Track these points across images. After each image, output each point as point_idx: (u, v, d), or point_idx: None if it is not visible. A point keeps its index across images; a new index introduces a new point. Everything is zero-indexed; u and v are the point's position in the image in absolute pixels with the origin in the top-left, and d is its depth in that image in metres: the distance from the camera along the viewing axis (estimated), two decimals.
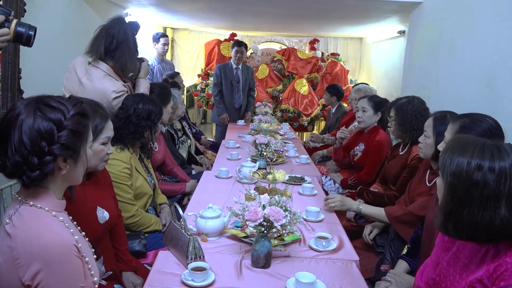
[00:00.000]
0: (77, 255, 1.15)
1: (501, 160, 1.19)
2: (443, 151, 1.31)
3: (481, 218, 1.19)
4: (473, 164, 1.20)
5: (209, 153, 4.46)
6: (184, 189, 2.91)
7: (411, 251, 2.05)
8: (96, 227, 1.73)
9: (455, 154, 1.25)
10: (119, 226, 1.97)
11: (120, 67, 2.46)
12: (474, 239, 1.25)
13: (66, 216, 1.27)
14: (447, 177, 1.25)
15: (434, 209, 1.94)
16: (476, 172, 1.19)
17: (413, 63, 3.83)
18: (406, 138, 2.78)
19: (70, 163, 1.19)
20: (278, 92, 6.92)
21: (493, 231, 1.19)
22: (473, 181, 1.20)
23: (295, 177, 2.88)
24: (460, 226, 1.23)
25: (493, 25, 2.54)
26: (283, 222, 1.58)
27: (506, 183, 1.18)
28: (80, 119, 1.18)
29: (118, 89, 2.39)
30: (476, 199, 1.20)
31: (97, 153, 1.70)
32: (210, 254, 1.75)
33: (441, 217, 1.28)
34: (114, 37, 2.42)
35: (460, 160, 1.23)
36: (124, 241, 1.97)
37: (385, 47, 6.18)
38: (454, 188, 1.23)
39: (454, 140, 1.33)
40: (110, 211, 1.82)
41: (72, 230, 1.22)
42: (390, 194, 2.76)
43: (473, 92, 2.75)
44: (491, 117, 1.77)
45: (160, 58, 5.60)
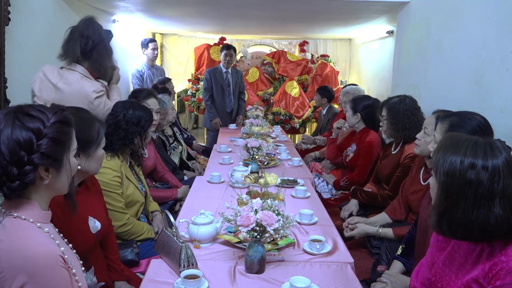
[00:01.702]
0: (64, 266, 1.13)
1: (494, 158, 1.18)
2: (435, 150, 1.30)
3: (475, 217, 1.18)
4: (466, 163, 1.19)
5: (201, 158, 4.43)
6: (175, 195, 2.88)
7: (405, 251, 2.04)
8: (88, 237, 1.70)
9: (447, 152, 1.24)
10: (110, 235, 1.94)
11: (98, 67, 2.44)
12: (469, 238, 1.24)
13: (52, 227, 1.24)
14: (440, 176, 1.24)
15: (427, 208, 1.93)
16: (469, 171, 1.19)
17: (402, 62, 3.84)
18: (398, 137, 2.78)
19: (52, 172, 1.16)
20: (269, 95, 6.92)
21: (488, 229, 1.18)
22: (466, 180, 1.19)
23: (287, 179, 2.86)
24: (455, 225, 1.23)
25: (480, 23, 2.55)
26: (276, 226, 1.56)
27: (500, 181, 1.17)
28: (60, 127, 1.15)
29: (97, 89, 2.38)
30: (470, 197, 1.19)
31: (100, 158, 1.75)
32: (203, 261, 1.73)
33: (435, 216, 1.27)
34: (89, 38, 2.39)
35: (453, 158, 1.22)
36: (115, 250, 1.94)
37: (374, 47, 6.21)
38: (448, 187, 1.22)
39: (445, 139, 1.32)
40: (102, 221, 1.79)
41: (58, 242, 1.19)
42: (384, 194, 2.76)
43: (462, 89, 2.76)
44: (479, 114, 1.77)
45: (150, 64, 5.57)
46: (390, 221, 2.48)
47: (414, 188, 2.35)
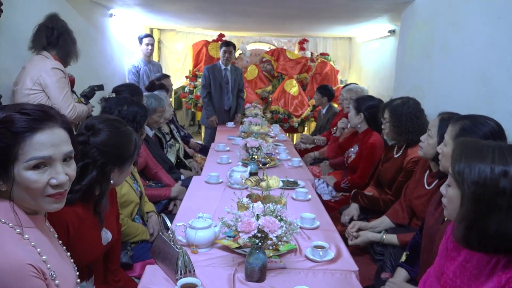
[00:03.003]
0: (36, 276, 0.99)
1: None
2: (455, 159, 1.21)
3: (510, 227, 1.11)
4: (497, 171, 1.12)
5: (198, 157, 4.34)
6: (169, 194, 2.80)
7: (410, 258, 1.97)
8: (98, 249, 1.60)
9: (473, 161, 1.16)
10: (117, 243, 1.83)
11: (64, 54, 2.83)
12: (501, 251, 1.17)
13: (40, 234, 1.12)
14: (469, 187, 1.15)
15: (433, 215, 1.86)
16: (502, 179, 1.11)
17: (405, 62, 3.76)
18: (401, 140, 2.70)
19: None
20: (268, 93, 6.83)
21: None
22: (499, 189, 1.11)
23: (287, 181, 2.78)
24: (485, 237, 1.15)
25: (489, 23, 2.47)
26: (279, 233, 1.48)
27: None
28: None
29: (56, 65, 2.72)
30: (503, 207, 1.11)
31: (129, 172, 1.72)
32: (201, 267, 1.65)
33: (462, 229, 1.18)
34: (54, 29, 2.78)
35: (481, 167, 1.14)
36: (116, 260, 1.83)
37: (375, 46, 6.14)
38: (478, 197, 1.14)
39: (464, 145, 1.24)
40: (113, 231, 1.69)
41: (40, 249, 1.06)
42: (386, 199, 2.68)
43: (468, 91, 2.69)
44: (492, 119, 1.69)
45: (146, 60, 5.48)
46: (392, 225, 2.41)
47: (418, 193, 2.28)
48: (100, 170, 1.50)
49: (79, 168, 1.41)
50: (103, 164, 1.50)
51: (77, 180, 1.41)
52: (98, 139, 1.51)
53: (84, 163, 1.46)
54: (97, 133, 1.53)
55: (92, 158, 1.49)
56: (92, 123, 1.55)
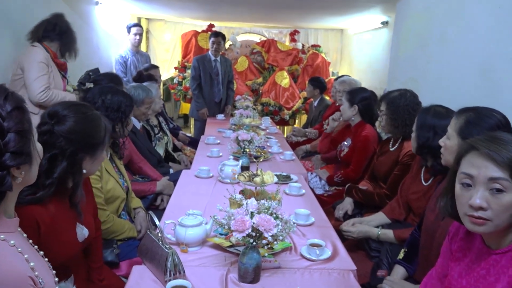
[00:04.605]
0: None
1: None
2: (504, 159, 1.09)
3: None
4: None
5: (187, 150, 4.23)
6: (154, 189, 2.70)
7: (408, 255, 1.91)
8: (74, 246, 1.49)
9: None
10: (97, 240, 1.73)
11: (65, 49, 3.07)
12: None
13: (19, 237, 1.04)
14: None
15: (434, 210, 1.79)
16: None
17: (400, 54, 3.69)
18: (397, 133, 2.63)
19: (24, 168, 0.97)
20: (258, 85, 6.73)
21: None
22: None
23: (280, 175, 2.70)
24: None
25: (489, 13, 2.40)
26: (274, 232, 1.39)
27: None
28: (20, 114, 0.95)
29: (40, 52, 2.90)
30: None
31: (102, 159, 1.59)
32: (192, 267, 1.56)
33: None
34: (57, 25, 2.99)
35: None
36: (98, 258, 1.74)
37: (367, 38, 6.06)
38: None
39: (492, 142, 1.14)
40: (90, 227, 1.58)
41: (27, 256, 0.99)
42: (381, 193, 2.61)
43: (468, 84, 2.62)
44: (498, 112, 1.61)
45: (134, 50, 5.32)
46: (388, 221, 2.34)
47: (415, 189, 2.22)
48: (70, 160, 1.39)
49: (46, 160, 1.33)
50: (72, 153, 1.40)
51: (47, 174, 1.32)
52: (63, 127, 1.40)
53: (52, 154, 1.36)
54: (62, 120, 1.41)
55: (60, 148, 1.38)
56: (55, 110, 1.43)
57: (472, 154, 1.15)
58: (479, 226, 1.13)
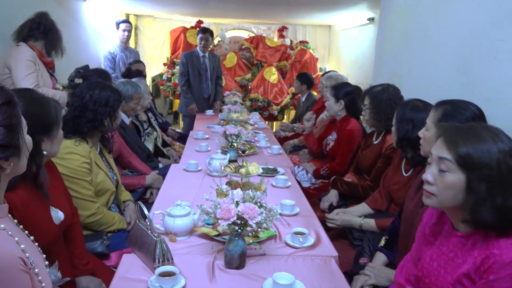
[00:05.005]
0: (24, 269, 0.99)
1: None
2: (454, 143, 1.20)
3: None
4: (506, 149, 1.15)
5: (176, 145, 4.28)
6: (143, 182, 2.74)
7: (389, 242, 1.99)
8: (51, 229, 1.55)
9: (475, 143, 1.17)
10: (75, 227, 1.79)
11: (51, 48, 3.04)
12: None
13: (9, 221, 1.09)
14: (480, 169, 1.15)
15: (413, 199, 1.87)
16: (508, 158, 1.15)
17: (385, 50, 3.77)
18: (380, 127, 2.72)
19: (13, 160, 1.02)
20: (247, 81, 6.77)
21: None
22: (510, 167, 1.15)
23: (267, 168, 2.76)
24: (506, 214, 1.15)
25: (469, 10, 2.48)
26: (259, 219, 1.46)
27: None
28: (9, 108, 1.00)
29: (26, 51, 2.88)
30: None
31: (61, 139, 1.65)
32: (180, 255, 1.62)
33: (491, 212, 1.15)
34: (41, 24, 2.98)
35: (486, 148, 1.15)
36: (79, 244, 1.79)
37: (354, 34, 6.14)
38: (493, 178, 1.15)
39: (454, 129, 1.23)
40: (65, 210, 1.64)
41: (17, 239, 1.05)
42: (365, 185, 2.69)
43: (448, 78, 2.70)
44: (474, 104, 1.70)
45: (123, 46, 5.33)
46: (371, 211, 2.42)
47: (396, 180, 2.30)
48: None
49: None
50: None
51: None
52: None
53: None
54: None
55: None
56: None
57: (440, 138, 1.26)
58: (427, 198, 1.27)
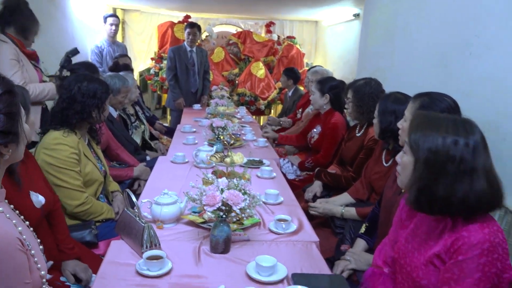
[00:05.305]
0: (21, 249, 1.05)
1: (473, 134, 1.21)
2: (411, 129, 1.29)
3: (456, 191, 1.20)
4: (449, 140, 1.21)
5: (164, 139, 4.32)
6: (131, 174, 2.79)
7: (369, 229, 2.07)
8: (33, 212, 1.58)
9: (427, 130, 1.25)
10: (57, 213, 1.82)
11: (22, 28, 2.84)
12: (445, 213, 1.26)
13: (7, 206, 1.15)
14: (422, 154, 1.24)
15: (392, 188, 1.96)
16: (452, 147, 1.20)
17: (368, 46, 3.85)
18: (363, 119, 2.80)
19: (12, 147, 1.08)
20: (234, 75, 6.82)
21: (467, 204, 1.20)
22: (449, 156, 1.20)
23: (253, 160, 2.83)
24: (434, 200, 1.23)
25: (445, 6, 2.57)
26: (242, 205, 1.52)
27: (480, 157, 1.20)
28: (9, 97, 1.06)
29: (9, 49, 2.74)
30: (452, 173, 1.20)
31: (33, 123, 1.66)
32: (167, 241, 1.68)
33: (414, 193, 1.26)
34: (6, 7, 2.80)
35: (434, 136, 1.23)
36: (63, 229, 1.82)
37: (340, 30, 6.22)
38: (430, 163, 1.23)
39: (421, 118, 1.32)
40: (45, 195, 1.69)
41: (15, 221, 1.11)
42: (348, 176, 2.78)
43: (427, 73, 2.80)
44: (449, 97, 1.79)
45: (110, 40, 5.33)
46: (353, 201, 2.51)
47: (377, 170, 2.38)
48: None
49: None
50: None
51: None
52: None
53: None
54: None
55: None
56: None
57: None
58: (397, 178, 1.40)
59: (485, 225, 1.21)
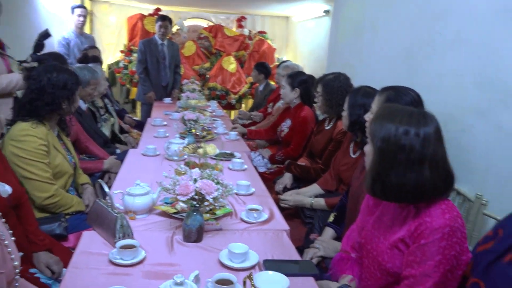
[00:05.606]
0: None
1: (426, 126, 1.28)
2: (372, 119, 1.37)
3: (407, 179, 1.27)
4: (400, 130, 1.27)
5: (134, 132, 4.27)
6: (101, 166, 2.77)
7: (337, 218, 2.14)
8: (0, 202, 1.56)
9: (384, 121, 1.32)
10: (25, 205, 1.80)
11: None
12: (400, 200, 1.33)
13: None
14: (377, 142, 1.31)
15: (359, 178, 2.03)
16: (403, 137, 1.27)
17: (338, 42, 3.94)
18: (332, 113, 2.87)
19: None
20: (206, 69, 6.81)
21: (418, 191, 1.27)
22: (400, 145, 1.27)
23: (224, 153, 2.86)
24: (387, 187, 1.30)
25: (410, 4, 2.68)
26: (215, 195, 1.56)
27: (430, 147, 1.26)
28: None
29: None
30: (403, 162, 1.27)
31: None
32: (140, 232, 1.69)
33: (369, 180, 1.34)
34: None
35: (389, 126, 1.29)
36: (32, 221, 1.80)
37: (310, 26, 6.31)
38: (383, 152, 1.30)
39: (383, 109, 1.39)
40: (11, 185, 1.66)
41: None
42: (317, 168, 2.85)
43: (394, 68, 2.91)
44: (413, 90, 1.88)
45: (78, 32, 5.21)
46: (322, 192, 2.58)
47: (345, 161, 2.46)
48: None
49: None
50: None
51: None
52: None
53: None
54: None
55: None
56: None
57: None
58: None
59: (446, 211, 1.28)
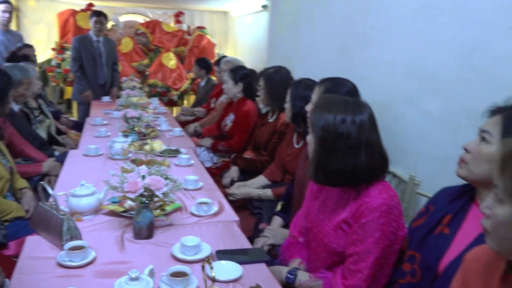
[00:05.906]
0: None
1: (360, 114, 1.37)
2: (312, 110, 1.44)
3: (346, 165, 1.36)
4: (338, 119, 1.36)
5: (72, 133, 4.09)
6: (39, 169, 2.64)
7: (284, 207, 2.22)
8: None
9: (323, 111, 1.40)
10: None
11: None
12: (341, 184, 1.42)
13: None
14: (317, 132, 1.39)
15: (303, 167, 2.12)
16: (341, 125, 1.36)
17: (276, 36, 4.04)
18: (274, 106, 2.95)
19: None
20: (145, 66, 6.66)
21: (356, 175, 1.37)
22: (338, 133, 1.36)
23: (170, 149, 2.84)
24: (329, 173, 1.39)
25: (346, 1, 2.81)
26: (165, 190, 1.56)
27: (365, 133, 1.37)
28: None
29: None
30: (341, 148, 1.36)
31: None
32: (87, 232, 1.65)
33: (312, 167, 1.42)
34: None
35: (327, 116, 1.38)
36: None
37: (249, 21, 6.38)
38: (323, 140, 1.39)
39: (321, 99, 1.48)
40: None
41: None
42: (262, 159, 2.92)
43: (330, 60, 3.04)
44: (350, 81, 2.00)
45: (4, 29, 4.90)
46: (268, 182, 2.65)
47: (289, 152, 2.55)
48: None
49: None
50: None
51: None
52: None
53: None
54: None
55: None
56: None
57: None
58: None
59: (383, 191, 1.40)
